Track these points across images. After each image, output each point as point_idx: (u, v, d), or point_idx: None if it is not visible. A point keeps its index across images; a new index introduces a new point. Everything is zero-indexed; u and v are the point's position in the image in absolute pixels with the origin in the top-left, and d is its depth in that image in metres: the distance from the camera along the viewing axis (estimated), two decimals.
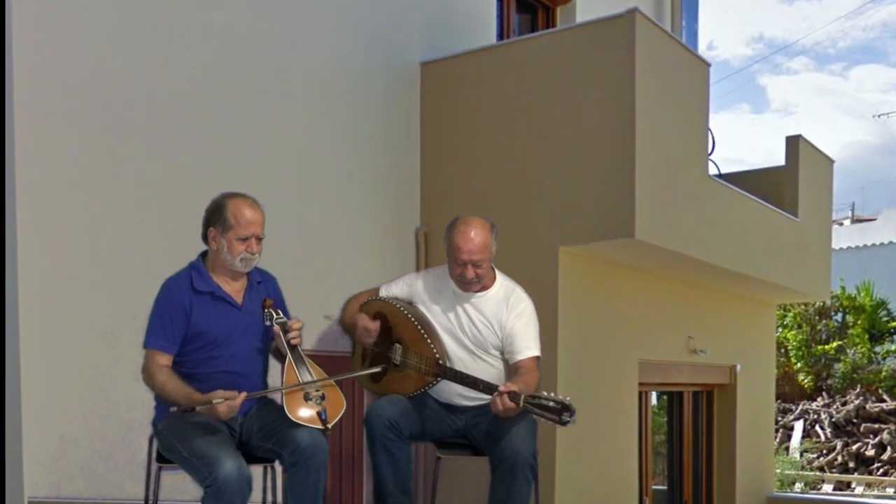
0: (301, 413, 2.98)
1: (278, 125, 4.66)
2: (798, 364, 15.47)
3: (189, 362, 3.05)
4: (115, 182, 3.95)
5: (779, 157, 7.16)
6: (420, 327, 3.45)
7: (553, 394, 3.10)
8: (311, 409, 2.99)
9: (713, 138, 6.23)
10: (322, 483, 3.00)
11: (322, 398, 3.02)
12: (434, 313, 3.52)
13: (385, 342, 3.55)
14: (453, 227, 3.42)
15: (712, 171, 6.08)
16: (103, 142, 3.91)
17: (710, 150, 5.88)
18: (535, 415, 3.14)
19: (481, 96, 5.30)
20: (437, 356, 3.40)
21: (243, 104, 4.48)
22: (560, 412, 3.03)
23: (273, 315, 3.11)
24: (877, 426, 13.74)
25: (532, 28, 6.87)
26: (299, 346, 3.12)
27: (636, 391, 5.84)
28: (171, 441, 2.97)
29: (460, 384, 3.38)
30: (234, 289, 3.14)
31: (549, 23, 6.92)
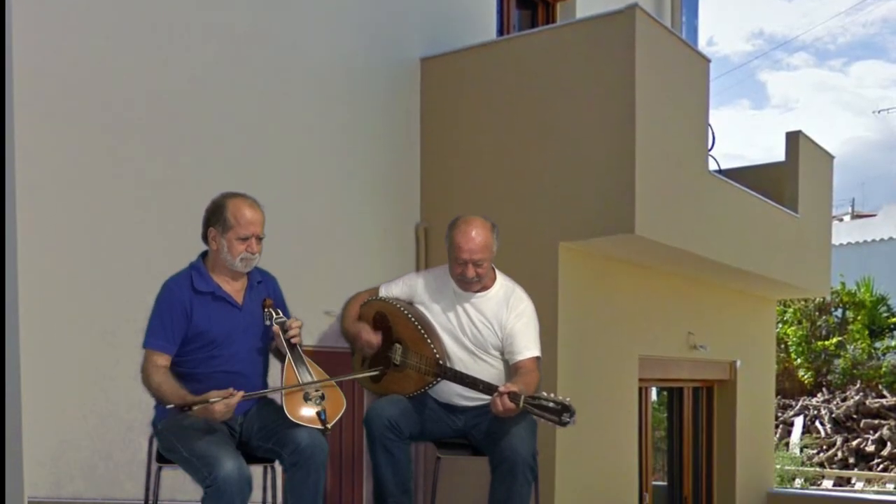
0: (300, 413, 2.98)
1: (278, 124, 4.66)
2: (798, 360, 15.47)
3: (189, 362, 3.05)
4: (115, 182, 3.95)
5: (779, 153, 7.15)
6: (420, 327, 3.44)
7: (553, 394, 3.09)
8: (311, 409, 2.99)
9: (713, 134, 6.24)
10: (322, 483, 2.99)
11: (322, 398, 3.02)
12: (434, 313, 3.51)
13: (385, 342, 3.55)
14: (454, 226, 3.42)
15: (712, 166, 6.08)
16: (103, 142, 3.91)
17: (710, 146, 5.88)
18: (535, 415, 3.13)
19: (481, 92, 5.30)
20: (438, 356, 3.39)
21: (243, 104, 4.48)
22: (560, 413, 3.03)
23: (273, 315, 3.11)
24: (877, 422, 13.73)
25: (532, 24, 6.86)
26: (299, 345, 3.12)
27: (636, 387, 5.84)
28: (171, 441, 2.97)
29: (460, 384, 3.37)
30: (235, 289, 3.13)
31: (549, 19, 6.91)
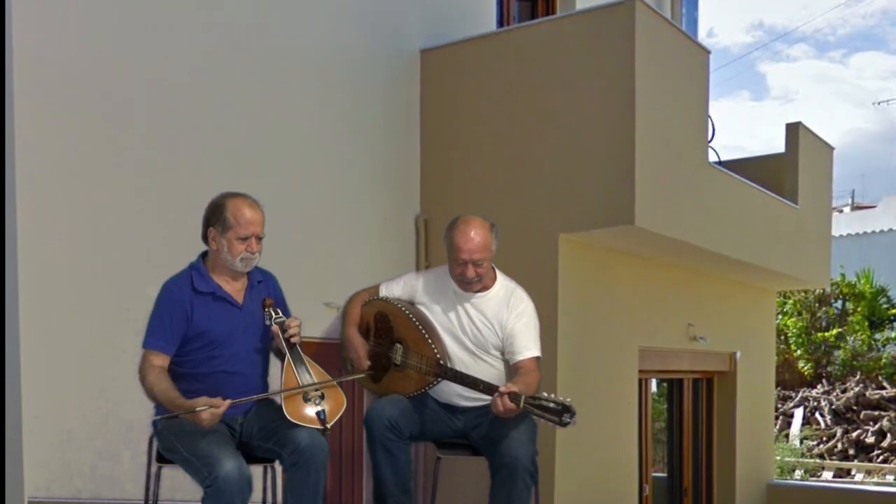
0: (300, 413, 2.97)
1: (278, 114, 4.66)
2: (798, 351, 15.50)
3: (189, 362, 3.05)
4: (115, 171, 3.94)
5: (779, 145, 7.15)
6: (421, 327, 3.44)
7: (553, 395, 3.09)
8: (311, 410, 2.99)
9: (713, 125, 6.23)
10: (322, 483, 2.99)
11: (321, 398, 3.02)
12: (435, 313, 3.50)
13: (386, 342, 3.55)
14: (453, 226, 3.40)
15: (712, 158, 6.08)
16: (104, 131, 3.90)
17: (709, 138, 5.87)
18: (536, 415, 3.12)
19: (481, 83, 5.29)
20: (438, 356, 3.39)
21: (243, 93, 4.48)
22: (560, 413, 3.03)
23: (272, 315, 3.10)
24: (876, 413, 13.76)
25: (532, 15, 6.85)
26: (298, 344, 3.11)
27: (636, 378, 5.85)
28: (171, 441, 2.97)
29: (461, 384, 3.37)
30: (235, 288, 3.13)
31: (549, 10, 6.90)
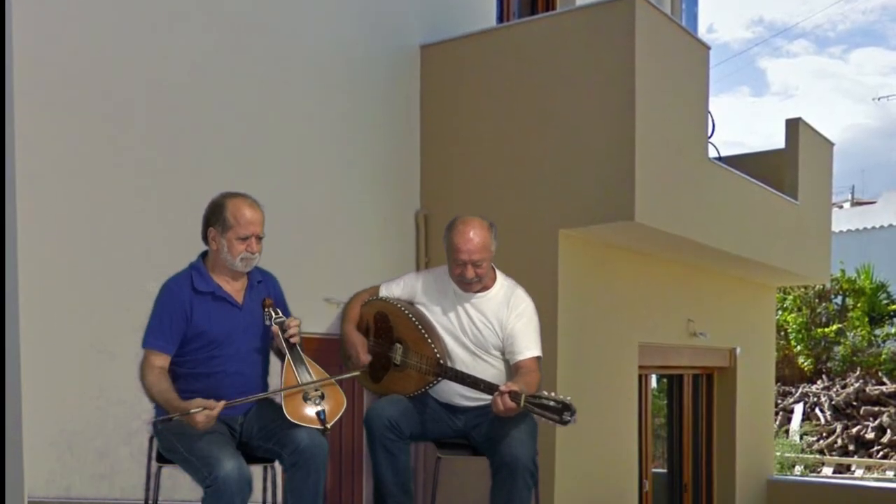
0: (300, 413, 2.98)
1: (278, 112, 4.65)
2: (798, 347, 15.50)
3: (189, 362, 3.05)
4: (115, 171, 3.94)
5: (779, 140, 7.15)
6: (420, 327, 3.44)
7: (554, 393, 3.09)
8: (311, 409, 2.99)
9: (713, 121, 6.24)
10: (322, 483, 3.00)
11: (321, 398, 3.02)
12: (434, 314, 3.50)
13: (385, 342, 3.55)
14: (452, 227, 3.40)
15: (712, 153, 6.08)
16: (103, 131, 3.90)
17: (709, 133, 5.88)
18: (536, 414, 3.12)
19: (481, 80, 5.29)
20: (438, 356, 3.39)
21: (243, 92, 4.47)
22: (561, 412, 3.02)
23: (272, 314, 3.10)
24: (876, 409, 13.77)
25: (532, 11, 6.84)
26: (298, 344, 3.11)
27: (636, 374, 5.85)
28: (171, 441, 2.97)
29: (461, 384, 3.37)
30: (235, 288, 3.13)
31: (549, 6, 6.90)
